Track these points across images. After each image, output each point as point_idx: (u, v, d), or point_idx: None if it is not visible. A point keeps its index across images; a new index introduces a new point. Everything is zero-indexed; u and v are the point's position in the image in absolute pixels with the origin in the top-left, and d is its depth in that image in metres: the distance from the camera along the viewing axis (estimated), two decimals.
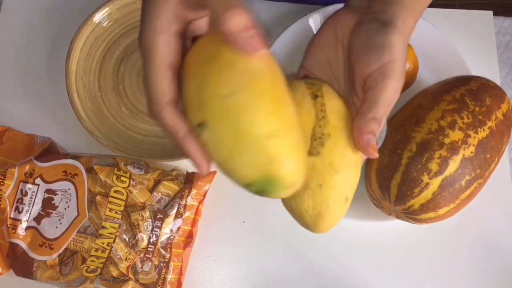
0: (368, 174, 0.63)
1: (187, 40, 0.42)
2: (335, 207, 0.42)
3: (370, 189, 0.63)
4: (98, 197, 0.64)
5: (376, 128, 0.42)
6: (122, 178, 0.64)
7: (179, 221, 0.65)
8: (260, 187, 0.38)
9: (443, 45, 0.75)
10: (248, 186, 0.38)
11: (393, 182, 0.59)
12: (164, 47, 0.38)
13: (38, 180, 0.65)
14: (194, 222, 0.66)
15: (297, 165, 0.37)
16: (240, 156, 0.36)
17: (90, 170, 0.66)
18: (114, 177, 0.64)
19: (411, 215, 0.60)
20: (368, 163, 0.64)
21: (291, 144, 0.37)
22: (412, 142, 0.59)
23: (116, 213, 0.63)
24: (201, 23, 0.41)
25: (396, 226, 0.67)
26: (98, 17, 0.71)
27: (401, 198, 0.58)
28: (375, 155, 0.41)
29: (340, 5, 0.76)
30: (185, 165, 0.70)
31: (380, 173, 0.60)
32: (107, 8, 0.72)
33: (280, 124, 0.36)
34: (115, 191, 0.64)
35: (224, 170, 0.38)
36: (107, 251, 0.62)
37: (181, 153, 0.67)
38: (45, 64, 0.75)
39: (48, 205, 0.65)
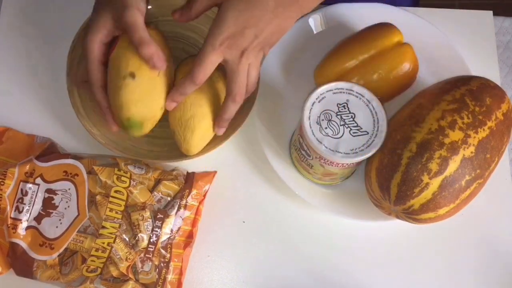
0: (368, 174, 0.63)
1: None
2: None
3: (370, 189, 0.63)
4: (98, 197, 0.64)
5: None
6: (123, 178, 0.64)
7: (179, 221, 0.65)
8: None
9: (443, 45, 0.75)
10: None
11: (393, 182, 0.59)
12: (98, 50, 0.61)
13: (38, 180, 0.65)
14: (194, 222, 0.67)
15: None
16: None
17: (90, 171, 0.66)
18: (115, 177, 0.64)
19: (411, 215, 0.60)
20: (368, 163, 0.64)
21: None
22: (412, 142, 0.59)
23: (116, 213, 0.63)
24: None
25: (396, 226, 0.67)
26: None
27: (401, 198, 0.59)
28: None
29: (341, 5, 0.77)
30: (185, 165, 0.70)
31: (380, 173, 0.60)
32: None
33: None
34: (116, 191, 0.64)
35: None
36: (108, 251, 0.62)
37: (181, 155, 0.68)
38: (45, 64, 0.75)
39: (48, 205, 0.65)
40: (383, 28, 0.70)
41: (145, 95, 0.61)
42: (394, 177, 0.59)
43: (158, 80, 0.62)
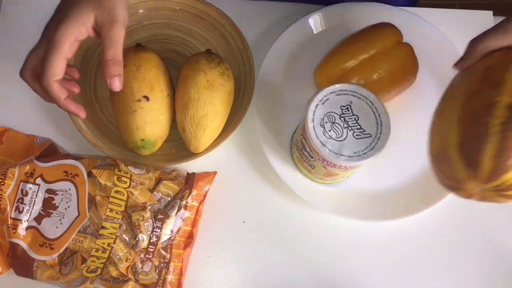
0: (441, 154, 0.55)
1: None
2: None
3: (447, 171, 0.55)
4: (98, 197, 0.64)
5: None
6: (123, 179, 0.64)
7: (179, 222, 0.65)
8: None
9: (443, 45, 0.75)
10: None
11: (485, 155, 0.51)
12: (69, 46, 0.56)
13: (38, 180, 0.65)
14: (194, 223, 0.67)
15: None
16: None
17: (90, 174, 0.66)
18: (115, 177, 0.64)
19: (504, 191, 0.52)
20: (438, 143, 0.56)
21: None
22: (498, 107, 0.51)
23: (116, 213, 0.63)
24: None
25: (397, 226, 0.68)
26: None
27: (495, 172, 0.50)
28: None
29: (341, 5, 0.76)
30: (185, 165, 0.70)
31: (464, 149, 0.52)
32: None
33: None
34: (116, 191, 0.64)
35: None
36: (108, 252, 0.62)
37: (181, 157, 0.68)
38: None
39: (48, 205, 0.65)
40: (383, 28, 0.70)
41: (158, 115, 0.66)
42: (485, 150, 0.51)
43: (167, 100, 0.67)
